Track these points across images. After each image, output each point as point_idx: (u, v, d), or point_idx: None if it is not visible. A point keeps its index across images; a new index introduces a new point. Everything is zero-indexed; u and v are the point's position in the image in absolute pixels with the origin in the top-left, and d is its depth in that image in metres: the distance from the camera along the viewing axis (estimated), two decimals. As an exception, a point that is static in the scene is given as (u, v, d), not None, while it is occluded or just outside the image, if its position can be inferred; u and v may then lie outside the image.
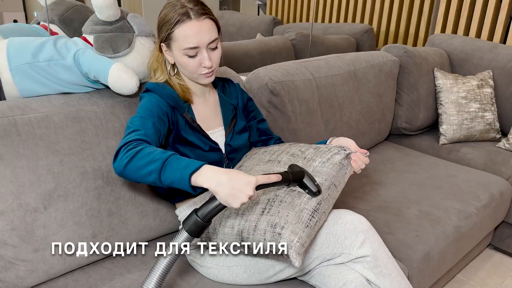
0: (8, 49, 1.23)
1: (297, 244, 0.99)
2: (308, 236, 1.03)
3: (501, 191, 1.86)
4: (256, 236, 1.04)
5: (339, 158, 1.17)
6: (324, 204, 1.09)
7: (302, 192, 1.09)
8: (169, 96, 1.20)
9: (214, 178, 0.91)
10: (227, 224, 1.10)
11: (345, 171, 1.17)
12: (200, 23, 1.14)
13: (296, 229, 1.01)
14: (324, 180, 1.12)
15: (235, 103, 1.37)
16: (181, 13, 1.13)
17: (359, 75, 2.04)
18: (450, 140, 2.24)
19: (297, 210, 1.04)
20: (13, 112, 1.15)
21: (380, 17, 3.78)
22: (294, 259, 0.98)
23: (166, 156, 0.95)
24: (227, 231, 1.09)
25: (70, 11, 1.55)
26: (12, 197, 1.10)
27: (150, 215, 1.34)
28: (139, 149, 0.98)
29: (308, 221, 1.04)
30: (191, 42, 1.14)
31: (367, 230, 1.10)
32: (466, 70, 2.48)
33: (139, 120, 1.10)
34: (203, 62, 1.17)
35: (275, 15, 4.63)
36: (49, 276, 1.18)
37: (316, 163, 1.16)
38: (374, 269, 1.10)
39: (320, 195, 1.08)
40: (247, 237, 1.06)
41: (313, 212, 1.05)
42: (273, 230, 1.02)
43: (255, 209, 1.08)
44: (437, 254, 1.50)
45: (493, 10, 2.99)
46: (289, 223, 1.02)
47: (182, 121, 1.22)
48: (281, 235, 1.01)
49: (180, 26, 1.13)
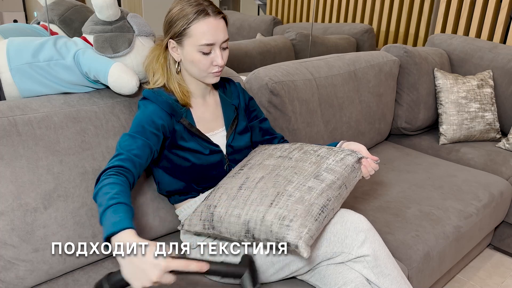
0: (8, 49, 1.23)
1: (306, 236, 0.99)
2: (317, 230, 1.03)
3: (501, 191, 1.86)
4: (263, 227, 1.04)
5: (352, 160, 1.18)
6: (334, 201, 1.10)
7: (312, 187, 1.09)
8: (166, 103, 1.19)
9: (123, 249, 0.86)
10: (233, 213, 1.09)
11: (355, 174, 1.19)
12: (217, 21, 1.15)
13: (306, 222, 1.01)
14: (336, 179, 1.12)
15: (236, 103, 1.36)
16: (199, 9, 1.13)
17: (359, 75, 2.04)
18: (450, 140, 2.24)
19: (306, 204, 1.05)
20: (13, 112, 1.15)
21: (380, 17, 3.78)
22: (303, 249, 0.97)
23: (110, 204, 0.94)
24: (233, 220, 1.09)
25: (70, 11, 1.55)
26: (12, 197, 1.10)
27: (150, 215, 1.34)
28: (105, 184, 0.98)
29: (317, 215, 1.04)
30: (208, 39, 1.14)
31: (367, 230, 1.10)
32: (466, 70, 2.48)
33: (128, 140, 1.11)
34: (215, 60, 1.17)
35: (275, 15, 4.63)
36: (49, 276, 1.18)
37: (330, 161, 1.17)
38: (374, 268, 1.10)
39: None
40: (254, 228, 1.05)
41: (322, 207, 1.06)
42: (281, 222, 1.02)
43: (263, 200, 1.08)
44: (437, 254, 1.50)
45: (493, 10, 2.99)
46: (298, 216, 1.02)
47: (180, 128, 1.22)
48: (289, 227, 1.00)
49: (198, 21, 1.13)
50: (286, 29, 3.68)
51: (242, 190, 1.14)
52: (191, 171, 1.24)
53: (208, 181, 1.28)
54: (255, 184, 1.14)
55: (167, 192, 1.29)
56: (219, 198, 1.16)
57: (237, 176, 1.21)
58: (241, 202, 1.11)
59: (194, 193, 1.29)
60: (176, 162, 1.23)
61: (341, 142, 1.33)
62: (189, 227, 1.19)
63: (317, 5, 4.22)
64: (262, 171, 1.19)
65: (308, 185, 1.09)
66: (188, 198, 1.30)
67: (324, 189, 1.09)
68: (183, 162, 1.22)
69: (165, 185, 1.27)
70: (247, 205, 1.09)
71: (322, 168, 1.15)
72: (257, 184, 1.14)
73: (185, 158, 1.22)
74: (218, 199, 1.15)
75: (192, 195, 1.30)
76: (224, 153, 1.29)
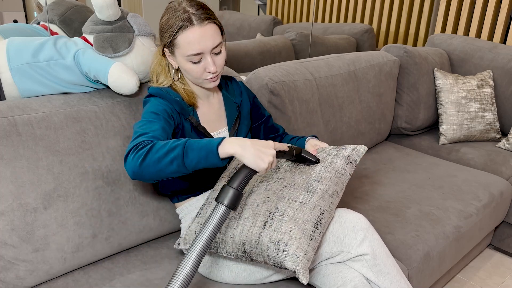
0: (8, 49, 1.23)
1: (303, 260, 0.99)
2: (313, 249, 1.03)
3: (501, 191, 1.86)
4: (258, 250, 1.04)
5: (340, 163, 1.17)
6: (327, 213, 1.09)
7: (303, 202, 1.07)
8: (174, 101, 1.19)
9: (238, 144, 0.94)
10: (227, 234, 1.09)
11: (346, 178, 1.18)
12: (203, 29, 1.11)
13: (301, 244, 1.00)
14: (327, 187, 1.11)
15: (238, 101, 1.36)
16: (184, 19, 1.10)
17: (359, 75, 2.04)
18: (450, 140, 2.24)
19: (300, 223, 1.03)
20: (13, 112, 1.15)
21: (380, 17, 3.78)
22: (302, 275, 0.97)
23: (183, 142, 0.97)
24: (228, 240, 1.09)
25: (70, 11, 1.55)
26: (12, 197, 1.10)
27: (150, 215, 1.34)
28: (151, 145, 0.98)
29: (312, 233, 1.03)
30: (194, 49, 1.11)
31: (366, 229, 1.10)
32: (466, 70, 2.48)
33: (146, 124, 1.09)
34: (207, 67, 1.15)
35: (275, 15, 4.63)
36: (49, 276, 1.19)
37: (319, 167, 1.16)
38: (374, 267, 1.10)
39: (319, 163, 1.14)
40: (249, 250, 1.06)
41: (316, 223, 1.05)
42: (277, 247, 1.01)
43: (256, 220, 1.07)
44: (437, 254, 1.50)
45: (493, 10, 2.99)
46: (293, 238, 1.01)
47: (187, 125, 1.22)
48: (286, 252, 1.00)
49: (182, 32, 1.10)
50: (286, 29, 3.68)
51: None
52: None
53: (211, 180, 1.29)
54: (245, 200, 1.13)
55: (171, 192, 1.29)
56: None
57: None
58: (233, 220, 1.10)
59: (196, 192, 1.30)
60: None
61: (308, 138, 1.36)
62: (185, 245, 1.19)
63: (317, 5, 4.22)
64: (250, 185, 1.18)
65: (300, 200, 1.08)
66: (190, 197, 1.30)
67: (316, 202, 1.08)
68: None
69: (168, 184, 1.28)
70: (240, 225, 1.08)
71: (312, 178, 1.13)
72: (247, 200, 1.13)
73: None
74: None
75: (194, 194, 1.30)
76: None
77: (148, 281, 1.20)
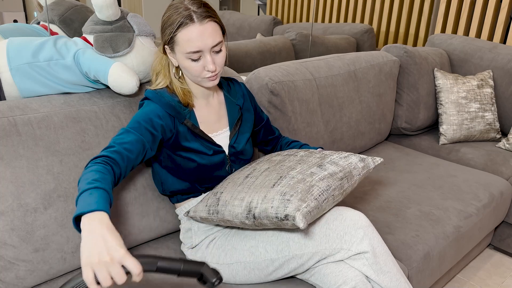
0: (8, 49, 1.23)
1: (305, 209, 1.01)
2: (316, 208, 1.05)
3: (501, 191, 1.86)
4: (263, 204, 1.07)
5: (356, 160, 1.22)
6: (334, 189, 1.11)
7: (314, 172, 1.13)
8: (168, 105, 1.19)
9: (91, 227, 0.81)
10: (238, 197, 1.13)
11: (359, 172, 1.20)
12: (203, 27, 1.11)
13: (305, 198, 1.04)
14: (339, 171, 1.16)
15: (240, 103, 1.36)
16: (184, 16, 1.10)
17: (359, 75, 2.04)
18: (450, 140, 2.24)
19: (308, 185, 1.08)
20: (13, 112, 1.15)
21: (380, 17, 3.78)
22: (300, 220, 0.99)
23: (85, 189, 0.91)
24: (237, 203, 1.12)
25: (70, 11, 1.55)
26: (12, 197, 1.10)
27: (150, 215, 1.34)
28: (87, 171, 0.97)
29: (318, 195, 1.07)
30: (193, 46, 1.11)
31: (366, 226, 1.11)
32: (466, 70, 2.48)
33: (122, 134, 1.11)
34: (206, 66, 1.15)
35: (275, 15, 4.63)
36: (49, 276, 1.19)
37: (334, 156, 1.21)
38: (374, 265, 1.10)
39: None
40: (255, 207, 1.08)
41: (323, 190, 1.08)
42: (282, 197, 1.05)
43: (266, 183, 1.12)
44: (437, 254, 1.50)
45: (493, 10, 2.99)
46: (298, 192, 1.06)
47: (183, 129, 1.21)
48: (290, 201, 1.03)
49: (182, 29, 1.11)
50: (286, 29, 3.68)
51: (248, 178, 1.19)
52: (196, 171, 1.24)
53: (211, 181, 1.29)
54: (260, 173, 1.19)
55: (171, 192, 1.29)
56: (226, 186, 1.21)
57: (245, 168, 1.27)
58: (245, 187, 1.15)
59: (196, 193, 1.30)
60: (180, 163, 1.23)
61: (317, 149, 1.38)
62: (194, 213, 1.22)
63: (317, 5, 4.23)
64: (268, 164, 1.24)
65: (311, 171, 1.14)
66: (190, 197, 1.30)
67: (325, 176, 1.13)
68: (188, 163, 1.23)
69: (169, 185, 1.28)
70: (251, 188, 1.13)
71: (326, 161, 1.19)
72: (262, 173, 1.19)
73: (189, 159, 1.22)
74: (225, 187, 1.20)
75: (194, 195, 1.30)
76: (226, 153, 1.29)
77: (148, 282, 1.20)
